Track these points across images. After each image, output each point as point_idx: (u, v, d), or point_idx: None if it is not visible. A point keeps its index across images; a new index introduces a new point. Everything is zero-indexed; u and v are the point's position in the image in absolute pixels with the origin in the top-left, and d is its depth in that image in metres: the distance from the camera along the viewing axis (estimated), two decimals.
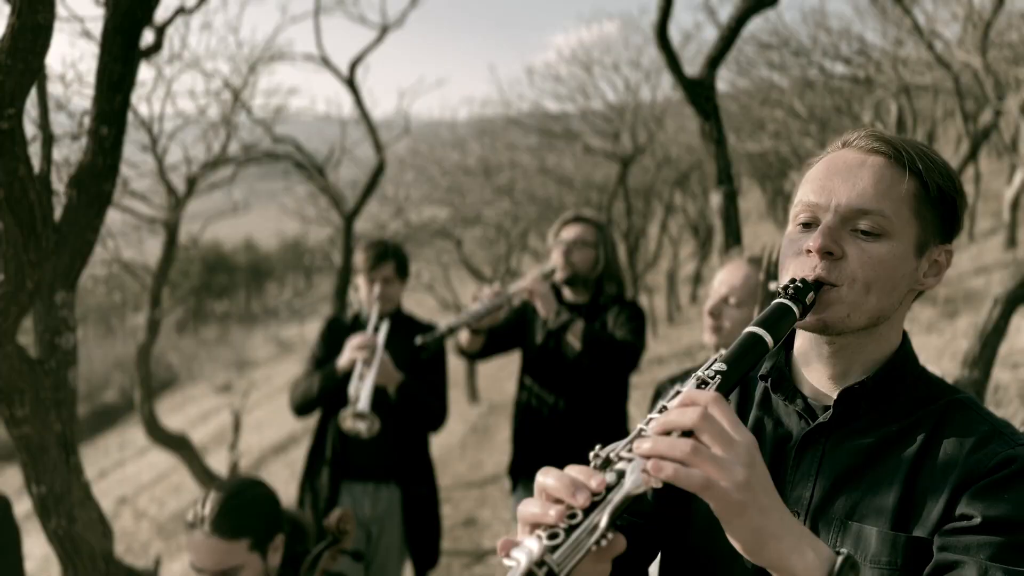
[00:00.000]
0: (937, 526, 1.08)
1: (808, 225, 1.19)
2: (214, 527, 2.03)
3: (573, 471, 0.94)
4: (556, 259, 3.32)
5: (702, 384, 1.04)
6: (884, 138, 1.18)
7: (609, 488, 0.91)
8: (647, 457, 0.92)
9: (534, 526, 0.92)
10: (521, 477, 3.46)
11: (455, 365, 14.99)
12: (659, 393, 1.43)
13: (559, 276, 3.33)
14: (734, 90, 11.63)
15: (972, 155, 6.00)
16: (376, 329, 3.35)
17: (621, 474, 0.92)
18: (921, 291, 1.22)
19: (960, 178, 1.21)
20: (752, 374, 1.36)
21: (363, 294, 3.46)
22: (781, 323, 1.11)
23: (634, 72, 11.34)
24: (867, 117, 7.61)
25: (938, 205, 1.17)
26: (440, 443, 10.20)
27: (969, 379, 2.55)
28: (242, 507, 2.09)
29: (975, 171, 12.61)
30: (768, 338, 1.09)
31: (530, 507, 0.94)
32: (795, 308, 1.12)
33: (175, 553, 9.09)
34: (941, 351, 7.39)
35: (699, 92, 2.75)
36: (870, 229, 1.14)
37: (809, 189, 1.19)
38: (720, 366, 1.06)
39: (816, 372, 1.25)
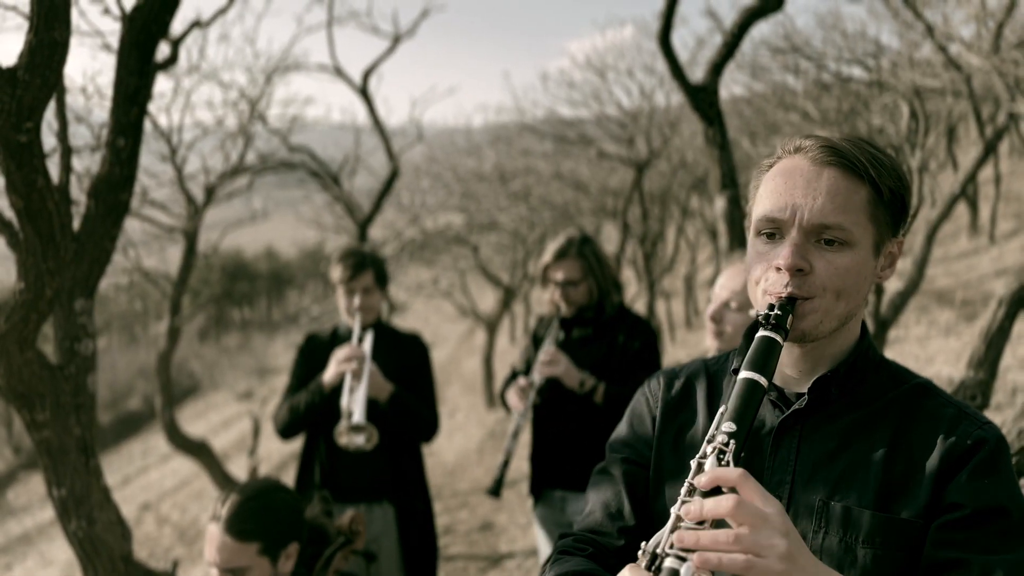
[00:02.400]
0: (926, 510, 1.17)
1: (772, 235, 1.25)
2: (227, 526, 2.08)
3: None
4: (556, 300, 3.34)
5: (720, 453, 1.10)
6: (836, 147, 1.23)
7: None
8: (692, 550, 1.01)
9: None
10: (541, 490, 3.47)
11: (473, 370, 15.06)
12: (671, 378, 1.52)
13: (565, 314, 3.37)
14: (749, 93, 11.61)
15: (985, 158, 5.96)
16: (360, 340, 3.23)
17: (673, 573, 1.01)
18: (879, 282, 1.31)
19: (906, 173, 1.28)
20: (718, 369, 1.46)
21: (341, 305, 3.33)
22: (771, 358, 1.18)
23: (648, 77, 11.34)
24: (877, 120, 7.60)
25: (890, 206, 1.25)
26: (457, 448, 10.25)
27: (974, 380, 2.56)
28: (259, 511, 2.12)
29: (995, 173, 12.50)
30: (763, 380, 1.16)
31: None
32: (779, 337, 1.19)
33: (197, 559, 9.19)
34: (959, 354, 7.33)
35: (702, 98, 2.78)
36: (833, 238, 1.21)
37: (770, 202, 1.25)
38: (729, 426, 1.12)
39: (787, 365, 1.33)
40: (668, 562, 1.03)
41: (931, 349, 8.07)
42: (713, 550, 0.99)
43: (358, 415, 3.01)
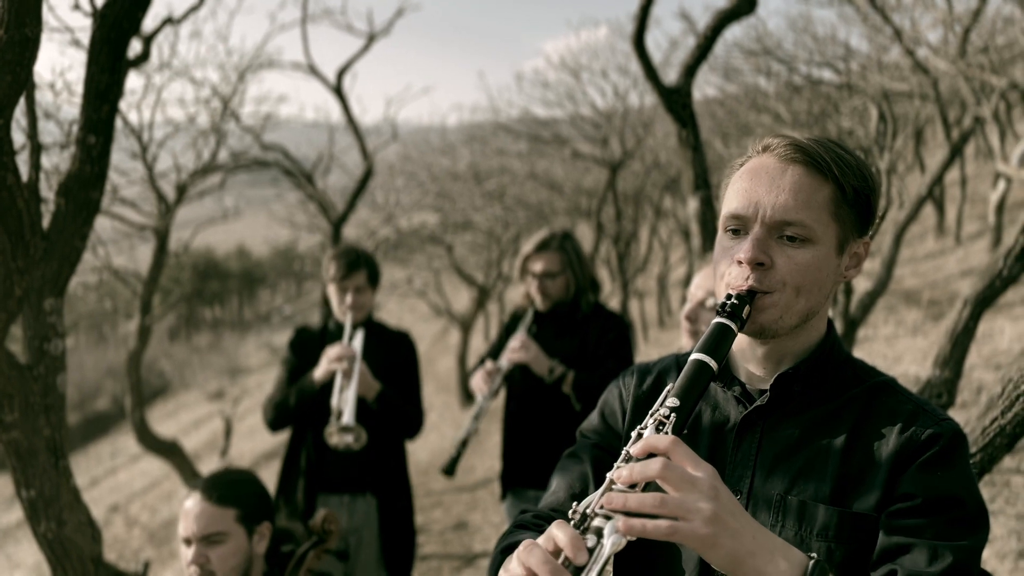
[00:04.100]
0: (880, 503, 1.19)
1: (737, 232, 1.27)
2: (205, 492, 2.16)
3: (559, 537, 1.02)
4: (532, 293, 3.37)
5: (660, 424, 1.12)
6: (802, 146, 1.25)
7: (591, 550, 1.00)
8: (620, 512, 1.01)
9: None
10: (511, 487, 3.50)
11: (447, 369, 15.04)
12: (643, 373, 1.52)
13: (540, 308, 3.39)
14: (722, 95, 11.72)
15: (951, 161, 6.07)
16: (351, 339, 3.29)
17: (599, 532, 1.02)
18: (845, 281, 1.32)
19: (876, 174, 1.30)
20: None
21: (334, 304, 3.39)
22: (723, 344, 1.19)
23: (622, 78, 11.41)
24: (847, 122, 7.72)
25: (854, 205, 1.26)
26: (431, 447, 10.25)
27: (940, 378, 2.61)
28: (234, 481, 2.24)
29: (961, 175, 12.71)
30: (712, 363, 1.18)
31: None
32: (734, 325, 1.21)
33: (167, 560, 9.09)
34: (926, 353, 7.46)
35: (676, 99, 2.81)
36: (795, 235, 1.22)
37: (736, 200, 1.27)
38: (673, 402, 1.14)
39: (751, 362, 1.35)
40: (596, 522, 1.03)
41: (899, 348, 8.19)
42: (640, 513, 1.00)
43: (347, 416, 3.05)
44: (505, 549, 1.33)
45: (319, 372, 3.21)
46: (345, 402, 3.10)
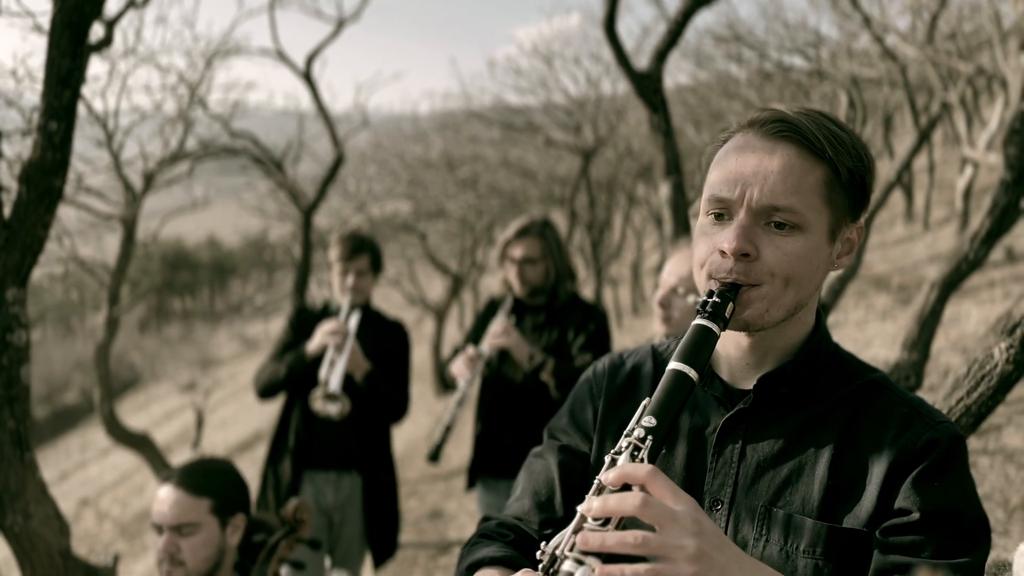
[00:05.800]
0: (873, 518, 1.11)
1: (720, 216, 1.16)
2: (180, 480, 2.15)
3: None
4: (511, 278, 3.40)
5: (635, 449, 1.03)
6: (792, 121, 1.14)
7: None
8: (590, 553, 0.94)
9: None
10: (481, 475, 3.51)
11: (421, 359, 15.02)
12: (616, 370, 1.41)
13: (519, 294, 3.41)
14: (694, 82, 11.75)
15: (919, 147, 6.15)
16: (347, 318, 3.42)
17: None
18: (836, 270, 1.23)
19: (870, 151, 1.20)
20: (666, 357, 1.36)
21: (336, 283, 3.51)
22: (704, 349, 1.10)
23: (595, 65, 11.39)
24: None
25: (849, 187, 1.16)
26: (406, 436, 10.22)
27: (908, 361, 2.65)
28: (210, 471, 2.22)
29: (929, 161, 12.86)
30: (693, 373, 1.08)
31: None
32: (716, 327, 1.11)
33: (139, 553, 9.01)
34: (895, 337, 7.55)
35: (647, 85, 2.81)
36: (784, 221, 1.12)
37: (720, 181, 1.16)
38: (649, 421, 1.04)
39: (733, 357, 1.25)
40: (566, 565, 0.95)
41: (869, 332, 8.30)
42: (619, 551, 0.92)
43: (334, 385, 3.20)
44: (470, 567, 1.24)
45: (312, 345, 3.33)
46: (333, 373, 3.23)
